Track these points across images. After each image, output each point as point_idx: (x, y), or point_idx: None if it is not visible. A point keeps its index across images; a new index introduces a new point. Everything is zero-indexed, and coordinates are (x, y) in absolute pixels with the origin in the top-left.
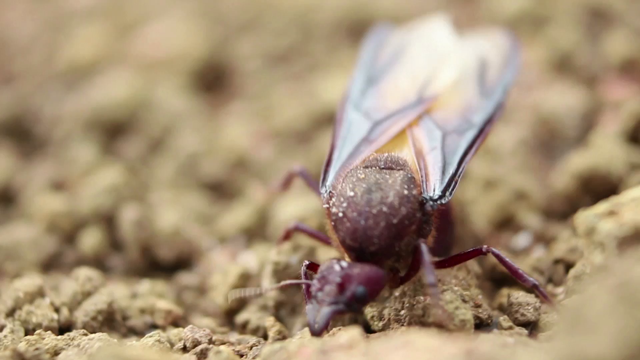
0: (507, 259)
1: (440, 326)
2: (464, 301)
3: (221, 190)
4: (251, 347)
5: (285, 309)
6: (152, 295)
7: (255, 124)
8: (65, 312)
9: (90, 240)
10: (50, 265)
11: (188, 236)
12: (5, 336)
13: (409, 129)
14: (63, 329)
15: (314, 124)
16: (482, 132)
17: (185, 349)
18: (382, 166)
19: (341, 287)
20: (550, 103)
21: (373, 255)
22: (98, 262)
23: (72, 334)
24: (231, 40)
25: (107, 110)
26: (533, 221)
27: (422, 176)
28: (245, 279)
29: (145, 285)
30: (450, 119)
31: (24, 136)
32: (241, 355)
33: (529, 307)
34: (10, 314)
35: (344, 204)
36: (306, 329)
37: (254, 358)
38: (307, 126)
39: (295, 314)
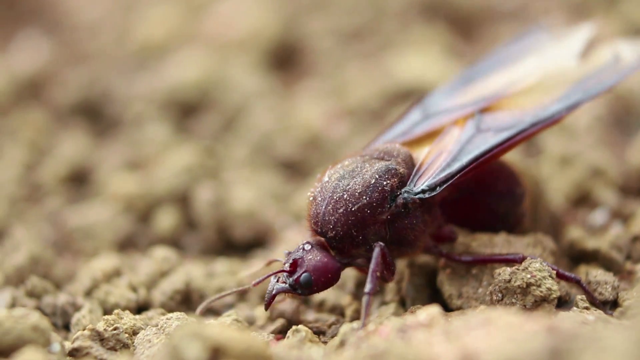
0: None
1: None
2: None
3: (295, 169)
4: (329, 326)
5: (362, 287)
6: (228, 274)
7: (328, 103)
8: (142, 291)
9: (166, 219)
10: (126, 245)
11: (263, 215)
12: (83, 316)
13: (451, 125)
14: (140, 308)
15: (387, 102)
16: (521, 133)
17: (263, 328)
18: (376, 156)
19: (292, 268)
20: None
21: (337, 242)
22: (173, 242)
23: (150, 313)
24: (303, 18)
25: (181, 90)
26: (610, 198)
27: (420, 170)
28: None
29: (221, 265)
30: (502, 118)
31: (97, 116)
32: (319, 334)
33: (607, 286)
34: (88, 293)
35: (318, 189)
36: (383, 307)
37: (332, 337)
38: (380, 104)
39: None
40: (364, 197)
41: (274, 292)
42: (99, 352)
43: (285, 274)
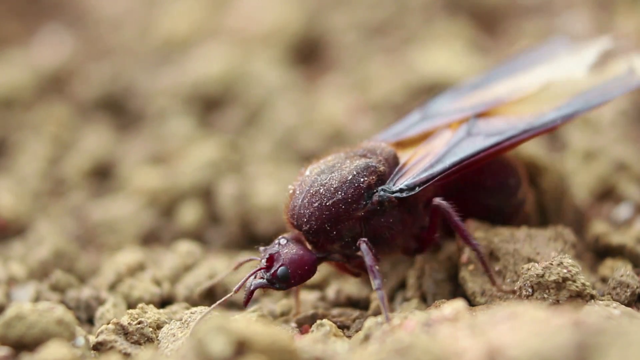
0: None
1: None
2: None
3: None
4: (354, 320)
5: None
6: (252, 269)
7: (352, 97)
8: (166, 285)
9: (189, 214)
10: (150, 239)
11: None
12: (107, 310)
13: (444, 128)
14: (164, 302)
15: (411, 97)
16: (511, 139)
17: (287, 322)
18: (359, 153)
19: (269, 263)
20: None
21: (312, 236)
22: (197, 236)
23: (174, 307)
24: (326, 12)
25: (204, 84)
26: (634, 192)
27: (402, 169)
28: None
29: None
30: (496, 123)
31: (120, 111)
32: (343, 328)
33: (628, 290)
34: (112, 287)
35: (297, 183)
36: (405, 304)
37: (356, 331)
38: (403, 99)
39: (399, 287)
40: (339, 193)
41: (252, 288)
42: (123, 346)
43: (261, 270)
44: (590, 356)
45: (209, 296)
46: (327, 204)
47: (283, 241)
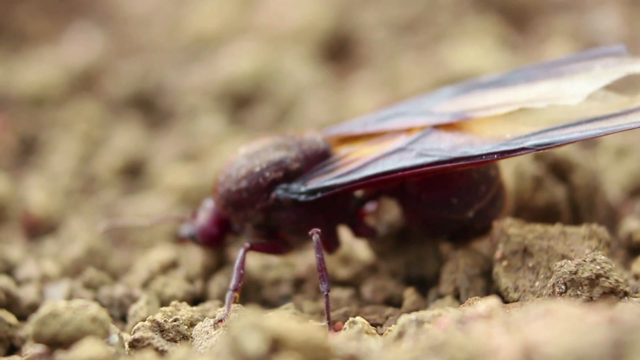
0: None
1: None
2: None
3: None
4: (386, 318)
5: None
6: (283, 266)
7: (382, 94)
8: (199, 283)
9: None
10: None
11: None
12: (141, 307)
13: (401, 132)
14: (197, 300)
15: None
16: (434, 165)
17: (319, 320)
18: (290, 143)
19: (193, 218)
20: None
21: (226, 211)
22: None
23: (207, 305)
24: (356, 10)
25: (234, 81)
26: None
27: (325, 168)
28: (372, 249)
29: (277, 256)
30: (442, 141)
31: (150, 108)
32: (376, 325)
33: None
34: (145, 285)
35: (233, 155)
36: (438, 301)
37: (389, 328)
38: None
39: (431, 284)
40: (244, 182)
41: (179, 235)
42: (160, 343)
43: (188, 221)
44: (626, 353)
45: (241, 294)
46: (232, 189)
47: (208, 204)
